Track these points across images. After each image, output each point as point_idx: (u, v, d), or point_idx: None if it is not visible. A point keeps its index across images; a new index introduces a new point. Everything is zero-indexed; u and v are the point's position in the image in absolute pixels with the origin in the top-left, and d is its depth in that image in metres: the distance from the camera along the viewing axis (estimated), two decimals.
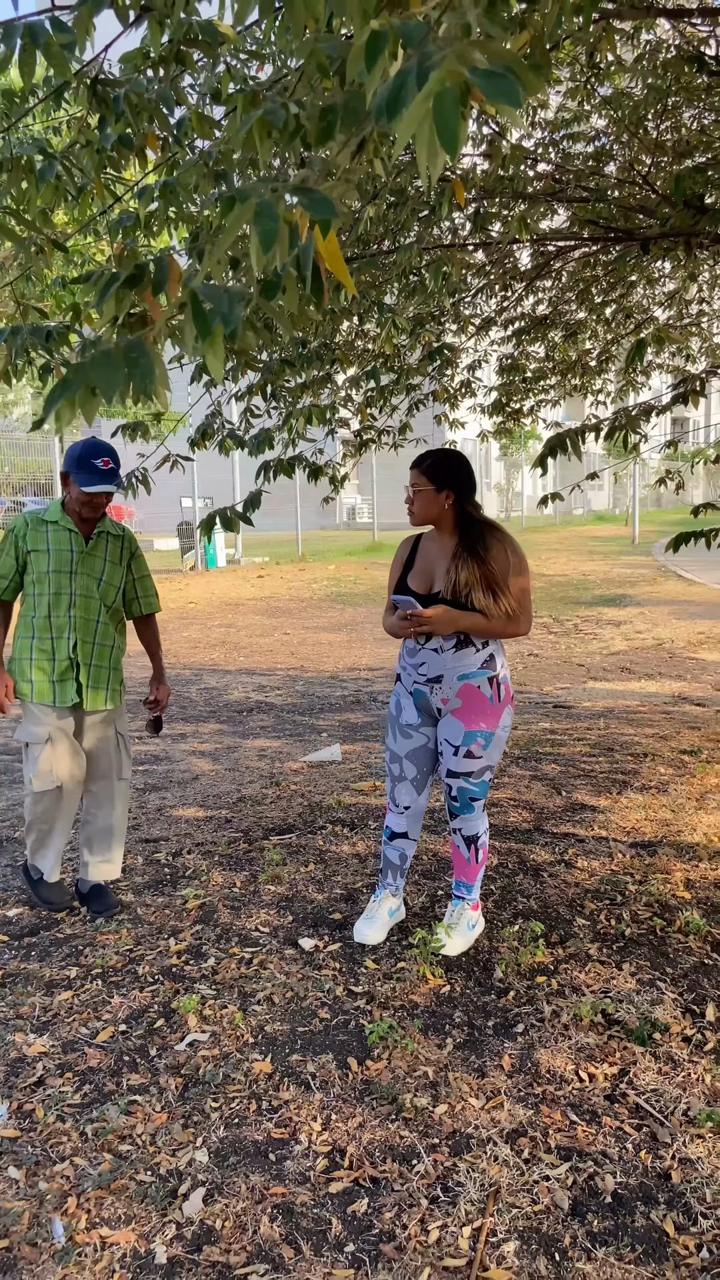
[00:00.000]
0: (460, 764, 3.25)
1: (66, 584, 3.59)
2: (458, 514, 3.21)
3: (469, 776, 3.26)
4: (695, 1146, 2.41)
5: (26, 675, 3.62)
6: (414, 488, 3.19)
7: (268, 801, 5.07)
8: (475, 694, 3.22)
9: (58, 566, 3.57)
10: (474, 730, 3.22)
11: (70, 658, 3.61)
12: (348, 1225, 2.20)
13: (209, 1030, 2.97)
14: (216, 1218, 2.23)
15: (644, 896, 3.76)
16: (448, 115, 0.89)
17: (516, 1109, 2.57)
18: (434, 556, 3.28)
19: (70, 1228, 2.21)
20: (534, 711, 7.20)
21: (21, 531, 3.60)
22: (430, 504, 3.19)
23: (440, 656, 3.23)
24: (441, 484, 3.18)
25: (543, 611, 13.35)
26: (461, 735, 3.23)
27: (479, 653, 3.22)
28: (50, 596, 3.57)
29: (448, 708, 3.26)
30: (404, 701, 3.37)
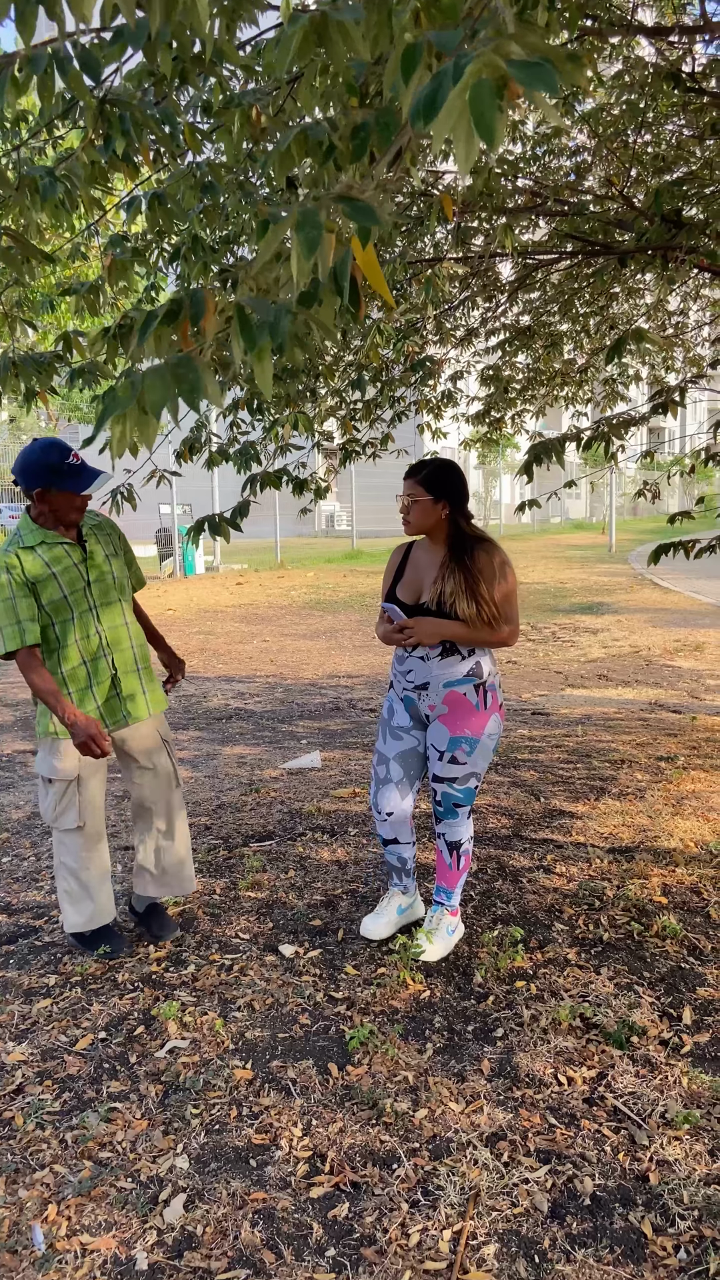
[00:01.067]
0: (445, 769, 3.28)
1: (84, 600, 3.27)
2: (451, 524, 3.24)
3: (453, 782, 3.29)
4: (672, 1148, 2.43)
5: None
6: (411, 497, 3.20)
7: (247, 809, 5.07)
8: (461, 701, 3.25)
9: (70, 587, 3.24)
10: (459, 736, 3.25)
11: (111, 674, 3.34)
12: (329, 1229, 2.21)
13: (189, 1037, 2.97)
14: (197, 1224, 2.24)
15: (621, 901, 3.79)
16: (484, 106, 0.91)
17: (496, 1112, 2.58)
18: (423, 567, 3.30)
19: (51, 1235, 2.21)
20: (513, 719, 7.23)
21: (17, 567, 3.17)
22: (427, 514, 3.21)
23: (426, 664, 3.26)
24: (439, 494, 3.20)
25: (521, 619, 13.42)
26: (446, 741, 3.26)
27: (464, 661, 3.25)
28: (73, 622, 3.24)
29: (435, 714, 3.29)
30: (396, 706, 3.42)
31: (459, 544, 3.23)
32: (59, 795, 3.32)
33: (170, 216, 2.08)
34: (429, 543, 3.32)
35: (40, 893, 4.10)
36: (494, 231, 2.09)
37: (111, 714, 3.36)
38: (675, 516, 3.68)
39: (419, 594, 3.27)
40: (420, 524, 3.23)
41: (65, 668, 3.26)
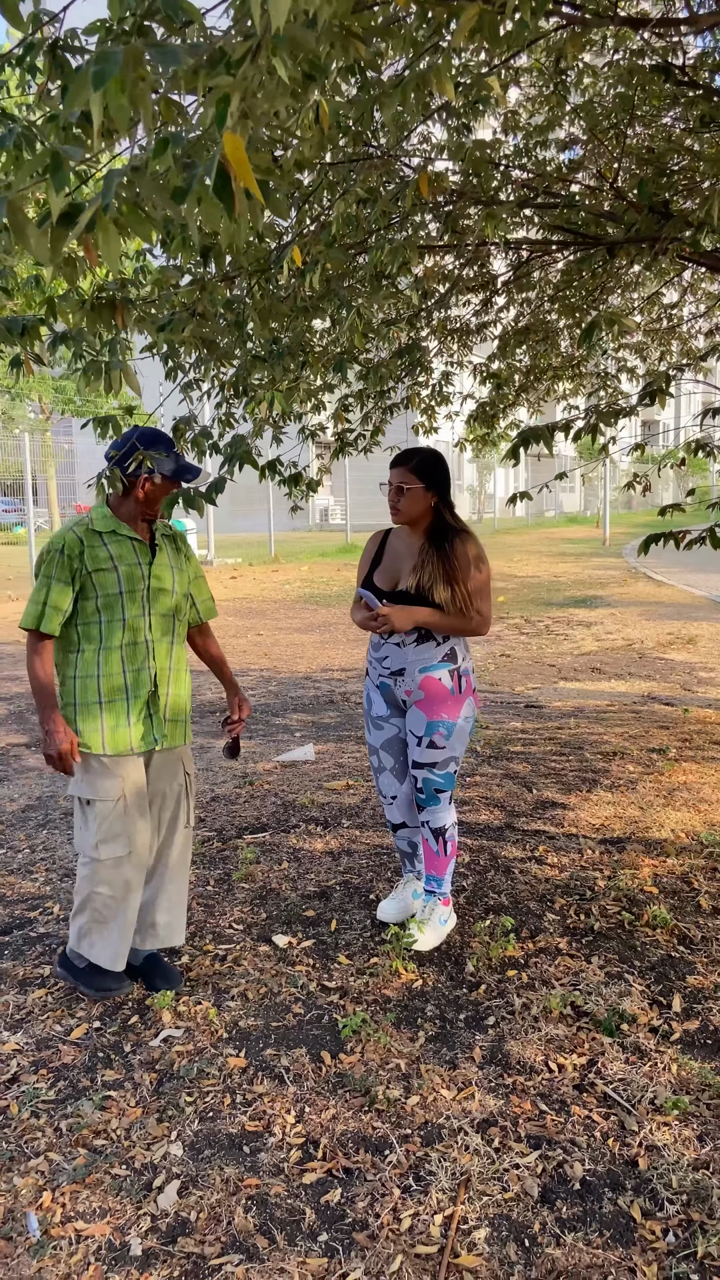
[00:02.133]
0: (424, 754, 3.33)
1: (141, 604, 3.02)
2: (435, 514, 3.29)
3: (433, 767, 3.33)
4: (662, 1134, 2.46)
5: (97, 723, 3.00)
6: (403, 485, 3.23)
7: (241, 801, 5.09)
8: (436, 685, 3.30)
9: (129, 585, 3.00)
10: (436, 721, 3.30)
11: (151, 689, 3.08)
12: (321, 1215, 2.23)
13: (183, 1026, 2.98)
14: (191, 1210, 2.25)
15: (613, 891, 3.81)
16: None
17: (487, 1099, 2.61)
18: (401, 554, 3.35)
19: (45, 1221, 2.23)
20: (505, 711, 7.25)
21: (75, 550, 2.95)
22: (417, 502, 3.26)
23: (402, 650, 3.31)
24: (429, 483, 3.26)
25: (514, 613, 13.44)
26: (424, 726, 3.31)
27: (439, 646, 3.31)
28: (123, 623, 2.99)
29: (411, 699, 3.35)
30: (373, 695, 3.47)
31: (439, 532, 3.29)
32: (102, 819, 3.00)
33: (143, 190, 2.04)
34: (407, 531, 3.37)
35: (35, 884, 4.11)
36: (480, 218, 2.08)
37: (147, 734, 3.07)
38: (666, 509, 3.69)
39: (396, 580, 3.32)
40: (410, 512, 3.27)
41: (104, 670, 3.00)
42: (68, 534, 2.97)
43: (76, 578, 2.96)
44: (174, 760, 3.19)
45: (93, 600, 2.97)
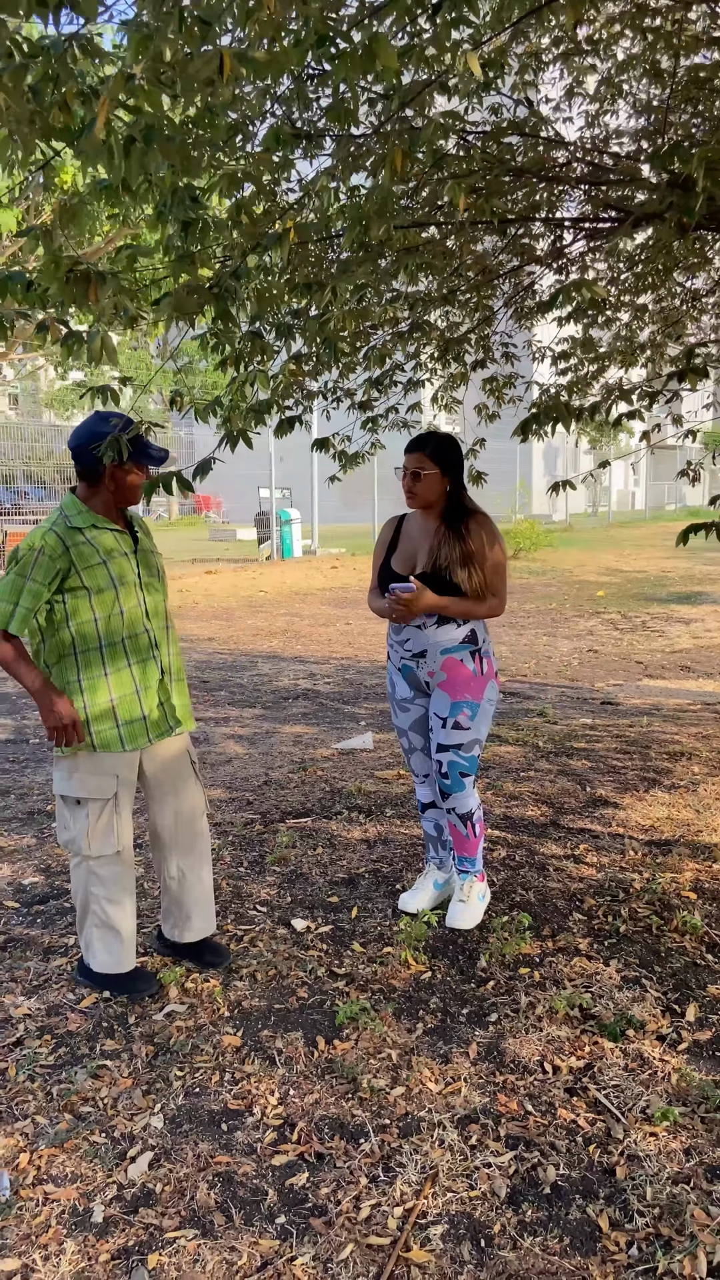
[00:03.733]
0: (449, 736, 3.33)
1: (134, 594, 2.98)
2: (450, 497, 3.30)
3: (458, 749, 3.34)
4: (647, 1144, 2.38)
5: (112, 721, 2.95)
6: (420, 470, 3.24)
7: (291, 786, 5.13)
8: (458, 667, 3.31)
9: (121, 578, 2.94)
10: (460, 701, 3.31)
11: (160, 677, 3.05)
12: (283, 1197, 2.24)
13: (188, 1002, 3.03)
14: (158, 1182, 2.29)
15: (647, 895, 3.70)
16: None
17: (473, 1095, 2.57)
18: (417, 538, 3.38)
19: (17, 1182, 2.29)
20: (578, 708, 7.11)
21: (57, 550, 2.84)
22: (433, 486, 3.28)
23: (423, 633, 3.31)
24: (445, 467, 3.28)
25: (611, 608, 13.15)
26: (448, 707, 3.32)
27: (460, 628, 3.32)
28: (122, 616, 2.94)
29: (434, 681, 3.35)
30: (395, 678, 3.50)
31: (455, 515, 3.30)
32: (94, 817, 2.96)
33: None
34: (421, 515, 3.39)
35: None
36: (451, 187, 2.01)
37: (156, 726, 3.03)
38: (716, 499, 3.54)
39: (414, 565, 3.34)
40: (427, 496, 3.29)
41: (111, 667, 2.93)
42: (47, 535, 2.86)
43: (60, 580, 2.85)
44: (181, 747, 3.17)
45: (85, 599, 2.88)
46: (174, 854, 3.17)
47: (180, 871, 3.18)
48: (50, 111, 1.86)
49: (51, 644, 2.94)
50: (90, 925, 3.06)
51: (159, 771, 3.11)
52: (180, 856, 3.17)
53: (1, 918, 3.65)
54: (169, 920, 3.25)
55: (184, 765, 3.17)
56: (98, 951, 3.06)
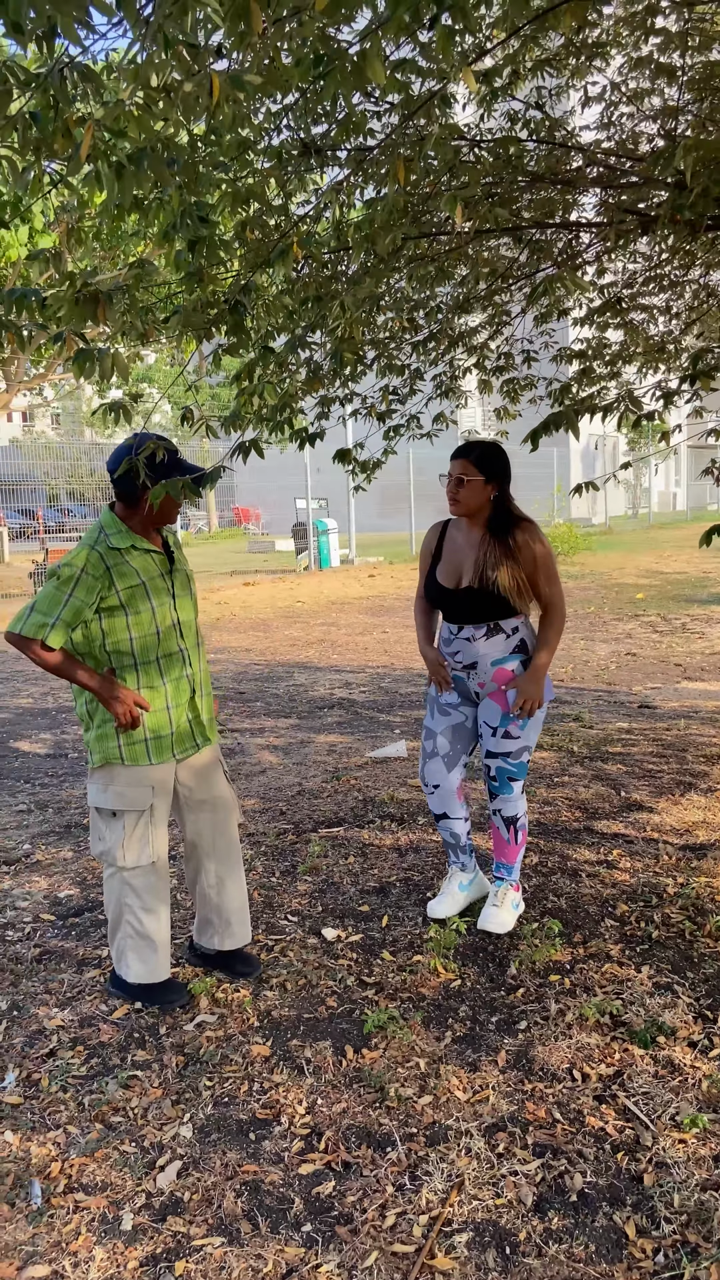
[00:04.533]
0: (499, 745, 3.35)
1: (170, 614, 3.02)
2: (496, 505, 3.30)
3: (508, 757, 3.36)
4: (675, 1151, 2.36)
5: (141, 734, 2.99)
6: (464, 477, 3.24)
7: (324, 795, 5.15)
8: (510, 677, 3.33)
9: (159, 599, 2.98)
10: (510, 712, 3.31)
11: (190, 693, 3.10)
12: (309, 1206, 2.25)
13: (218, 1012, 3.05)
14: (186, 1190, 2.31)
15: (680, 900, 3.66)
16: None
17: (501, 1103, 2.56)
18: (462, 548, 3.36)
19: (48, 1191, 2.32)
20: (615, 711, 7.05)
21: (99, 570, 2.87)
22: (477, 494, 3.27)
23: (473, 644, 3.33)
24: (490, 475, 3.26)
25: (651, 610, 13.03)
26: (499, 717, 3.34)
27: (510, 638, 3.33)
28: (158, 636, 2.98)
29: (485, 691, 3.37)
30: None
31: (500, 523, 3.28)
32: (130, 829, 2.99)
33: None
34: (466, 524, 3.36)
35: None
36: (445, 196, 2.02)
37: (181, 742, 3.08)
38: None
39: (459, 577, 3.33)
40: (470, 504, 3.28)
41: (145, 684, 2.99)
42: (90, 554, 2.89)
43: (99, 598, 2.88)
44: (213, 759, 3.21)
45: (122, 619, 2.91)
46: (211, 861, 3.20)
47: (219, 879, 3.21)
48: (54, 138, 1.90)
49: (87, 661, 2.98)
50: (123, 936, 3.08)
51: (193, 780, 3.15)
52: (218, 864, 3.21)
53: (38, 930, 3.70)
54: (207, 930, 3.27)
55: (217, 773, 3.21)
56: (131, 962, 3.08)
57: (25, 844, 4.65)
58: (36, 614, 2.85)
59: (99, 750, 3.02)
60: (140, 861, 3.02)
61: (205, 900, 3.24)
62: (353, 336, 2.49)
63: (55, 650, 2.87)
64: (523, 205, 3.41)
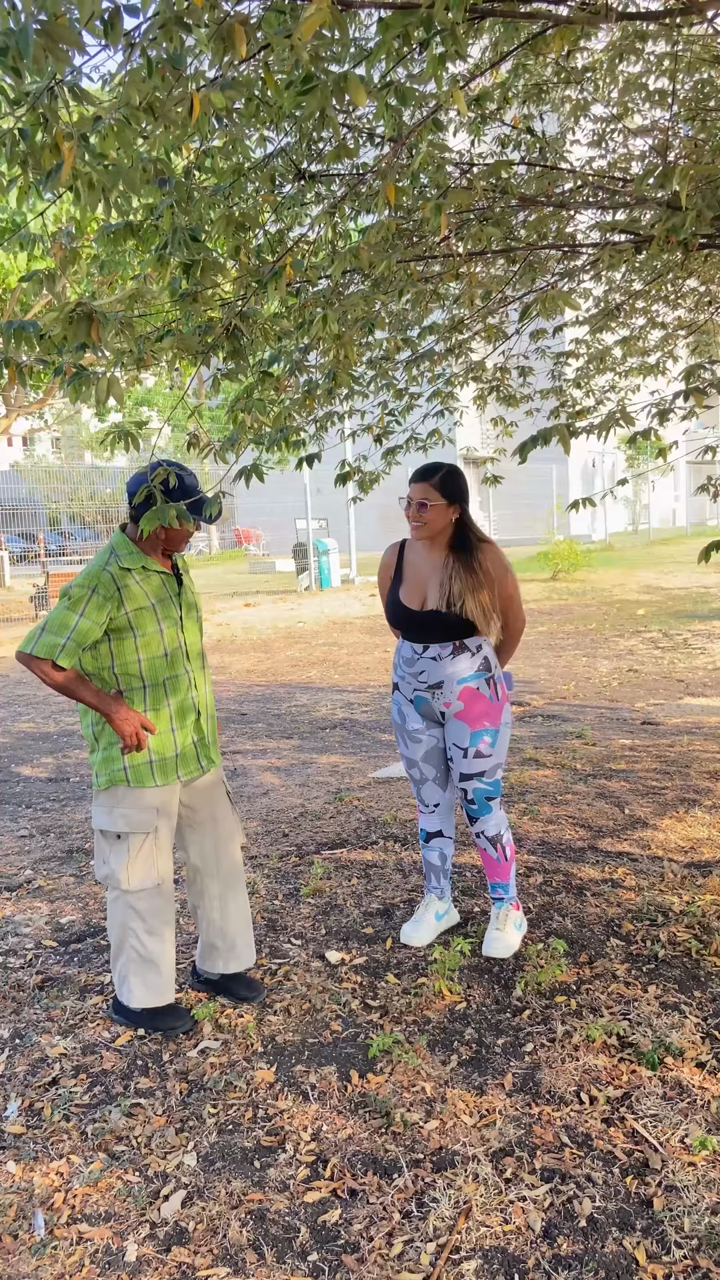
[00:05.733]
0: (472, 765, 3.33)
1: (177, 636, 3.03)
2: (457, 527, 3.27)
3: (482, 776, 3.34)
4: (685, 1174, 2.33)
5: (145, 757, 2.99)
6: (426, 501, 3.23)
7: (327, 816, 5.13)
8: (475, 695, 3.31)
9: (167, 621, 3.01)
10: (479, 730, 3.32)
11: (195, 715, 3.11)
12: (315, 1234, 2.22)
13: (221, 1038, 3.03)
14: (191, 1220, 2.28)
15: (686, 918, 3.64)
16: None
17: (508, 1128, 2.53)
18: (424, 570, 3.33)
19: (51, 1222, 2.30)
20: (617, 728, 7.04)
21: (110, 590, 2.89)
22: (440, 517, 3.26)
23: (439, 664, 3.30)
24: (451, 498, 3.25)
25: (652, 626, 13.02)
26: (468, 737, 3.31)
27: (474, 656, 3.32)
28: (165, 657, 3.00)
29: (451, 711, 3.34)
30: (405, 709, 3.46)
31: (463, 545, 3.29)
32: (134, 851, 2.99)
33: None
34: (425, 545, 3.36)
35: None
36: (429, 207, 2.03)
37: (186, 764, 3.09)
38: None
39: (423, 598, 3.30)
40: (434, 527, 3.27)
41: (151, 706, 3.00)
42: (102, 573, 2.91)
43: (109, 618, 2.89)
44: (216, 780, 3.22)
45: (131, 640, 2.93)
46: (215, 883, 3.20)
47: (222, 901, 3.21)
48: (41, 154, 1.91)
49: (94, 682, 2.99)
50: (126, 960, 3.07)
51: (196, 802, 3.15)
52: (222, 886, 3.20)
53: (40, 957, 3.68)
54: (211, 954, 3.25)
55: (220, 795, 3.21)
56: (134, 986, 3.06)
57: (27, 869, 4.63)
58: (48, 634, 2.86)
59: (104, 772, 3.02)
60: (144, 884, 3.01)
61: (209, 923, 3.22)
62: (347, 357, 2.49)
63: (66, 670, 2.87)
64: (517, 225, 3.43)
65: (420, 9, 1.65)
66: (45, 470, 35.51)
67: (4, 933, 3.90)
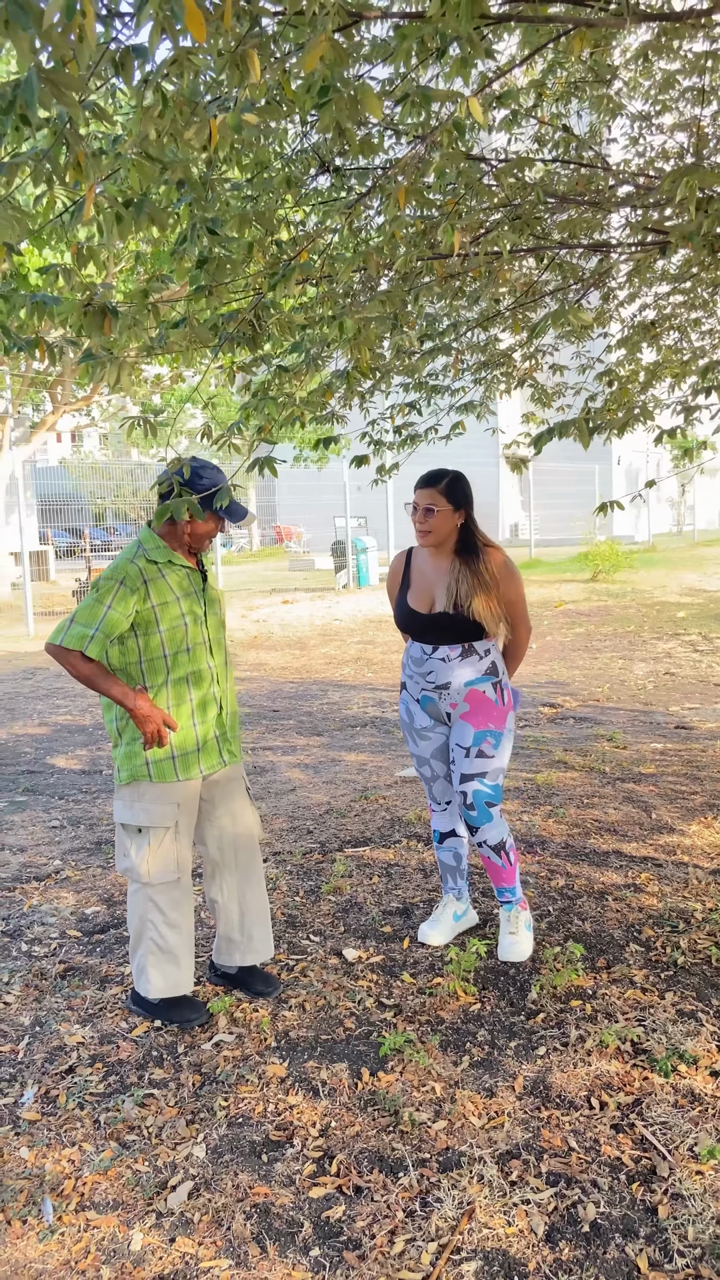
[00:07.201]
0: (473, 765, 3.32)
1: (200, 631, 3.08)
2: (462, 532, 3.32)
3: (483, 777, 3.33)
4: (692, 1182, 2.32)
5: (168, 752, 3.03)
6: (432, 506, 3.27)
7: (352, 814, 5.14)
8: (481, 698, 3.33)
9: (192, 616, 3.05)
10: (483, 730, 3.32)
11: (218, 711, 3.14)
12: (319, 1229, 2.24)
13: (236, 1032, 3.05)
14: (197, 1211, 2.31)
15: (708, 925, 3.61)
16: None
17: (516, 1131, 2.53)
18: (430, 575, 3.37)
19: (60, 1208, 2.34)
20: (649, 732, 6.98)
21: (137, 583, 2.95)
22: (446, 523, 3.31)
23: (447, 664, 3.33)
24: (457, 504, 3.30)
25: (692, 629, 12.87)
26: (471, 737, 3.33)
27: (482, 660, 3.35)
28: (189, 652, 3.04)
29: (456, 712, 3.37)
30: (413, 708, 3.51)
31: (468, 550, 3.33)
32: (155, 845, 3.04)
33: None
34: (431, 551, 3.40)
35: None
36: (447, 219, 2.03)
37: (208, 758, 3.11)
38: None
39: (431, 602, 3.34)
40: (440, 533, 3.31)
41: (173, 701, 3.03)
42: (129, 566, 2.96)
43: (135, 610, 2.94)
44: (236, 775, 3.25)
45: (156, 635, 2.98)
46: (233, 877, 3.23)
47: (241, 893, 3.24)
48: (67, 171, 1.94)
49: (120, 676, 3.03)
50: (144, 952, 3.11)
51: (216, 796, 3.19)
52: (240, 879, 3.24)
53: (64, 946, 3.73)
54: (228, 947, 3.28)
55: (239, 789, 3.25)
56: (152, 977, 3.10)
57: (56, 860, 4.70)
58: (77, 625, 2.91)
59: (126, 767, 3.06)
60: (165, 877, 3.05)
61: (227, 916, 3.25)
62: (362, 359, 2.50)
63: (94, 662, 2.92)
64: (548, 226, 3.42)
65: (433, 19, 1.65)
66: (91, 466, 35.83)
67: (30, 922, 3.97)
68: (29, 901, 4.17)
